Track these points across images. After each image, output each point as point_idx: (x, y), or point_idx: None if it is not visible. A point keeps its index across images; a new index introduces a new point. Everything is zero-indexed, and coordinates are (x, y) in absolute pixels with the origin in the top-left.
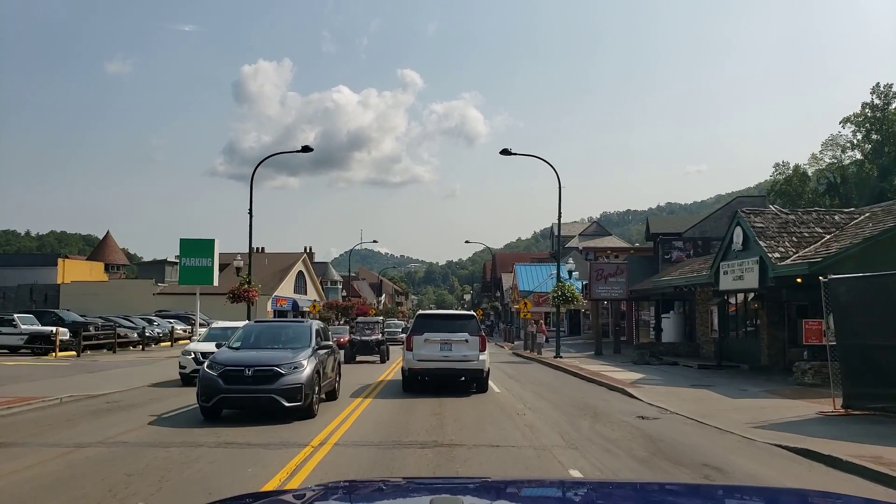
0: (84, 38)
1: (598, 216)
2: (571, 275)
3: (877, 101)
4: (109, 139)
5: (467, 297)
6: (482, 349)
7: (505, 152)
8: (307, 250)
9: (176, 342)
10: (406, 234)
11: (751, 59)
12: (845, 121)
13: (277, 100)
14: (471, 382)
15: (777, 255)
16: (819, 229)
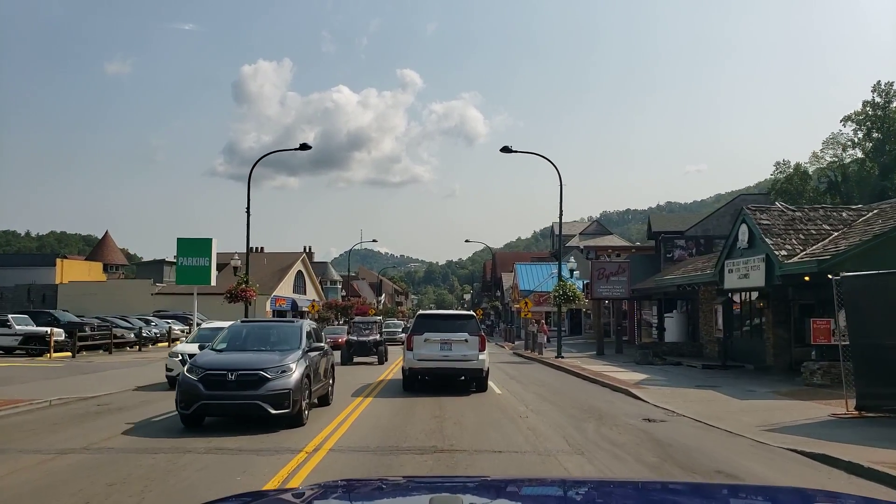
0: (84, 38)
1: (598, 216)
2: (573, 274)
3: (878, 100)
4: (109, 139)
5: (467, 297)
6: (482, 349)
7: (505, 150)
8: (306, 250)
9: (173, 343)
10: (406, 234)
11: (751, 59)
12: (846, 119)
13: (277, 100)
14: (470, 382)
15: (784, 253)
16: (826, 226)
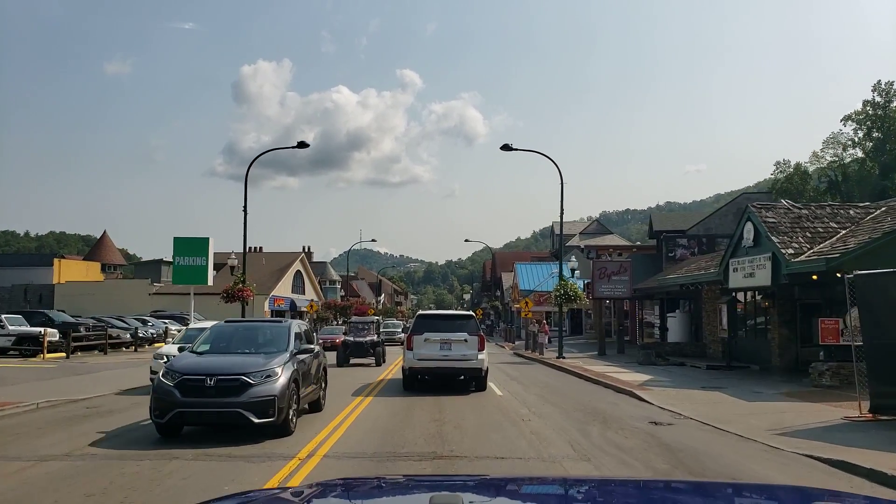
0: (84, 38)
1: (598, 216)
2: (574, 273)
3: (878, 99)
4: (109, 139)
5: (467, 297)
6: (481, 349)
7: (506, 147)
8: (306, 250)
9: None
10: (405, 234)
11: (750, 59)
12: (846, 119)
13: (277, 100)
14: (470, 381)
15: (791, 251)
16: (834, 224)
